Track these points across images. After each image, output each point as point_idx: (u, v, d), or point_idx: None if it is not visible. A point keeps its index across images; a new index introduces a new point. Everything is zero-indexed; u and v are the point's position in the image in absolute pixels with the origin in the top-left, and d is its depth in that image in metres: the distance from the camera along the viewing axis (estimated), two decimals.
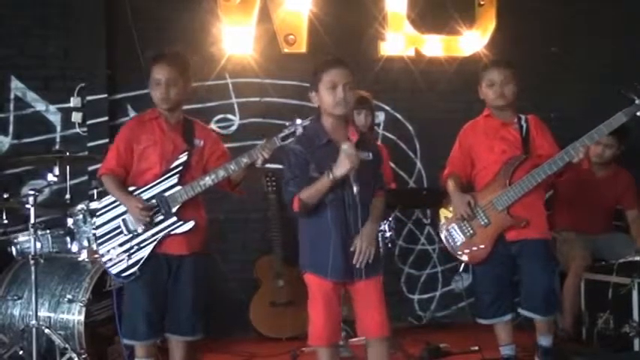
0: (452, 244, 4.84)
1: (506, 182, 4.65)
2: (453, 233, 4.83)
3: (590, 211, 5.74)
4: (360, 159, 3.72)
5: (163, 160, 4.35)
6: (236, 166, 4.26)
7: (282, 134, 4.18)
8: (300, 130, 4.10)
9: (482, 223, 4.70)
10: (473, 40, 6.75)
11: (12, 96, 6.22)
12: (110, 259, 4.31)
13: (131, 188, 4.35)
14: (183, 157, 4.35)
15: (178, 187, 4.30)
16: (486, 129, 4.85)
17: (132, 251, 4.29)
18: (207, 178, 4.29)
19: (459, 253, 4.82)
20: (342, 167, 3.70)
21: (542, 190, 4.77)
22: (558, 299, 5.19)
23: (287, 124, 4.21)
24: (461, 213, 4.74)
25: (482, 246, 4.71)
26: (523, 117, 4.79)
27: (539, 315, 4.67)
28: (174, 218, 4.30)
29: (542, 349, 4.77)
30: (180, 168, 4.33)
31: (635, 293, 5.11)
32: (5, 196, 5.32)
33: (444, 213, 4.93)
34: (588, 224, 5.74)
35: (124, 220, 4.34)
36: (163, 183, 4.32)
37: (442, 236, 4.92)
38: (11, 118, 6.22)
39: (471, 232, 4.74)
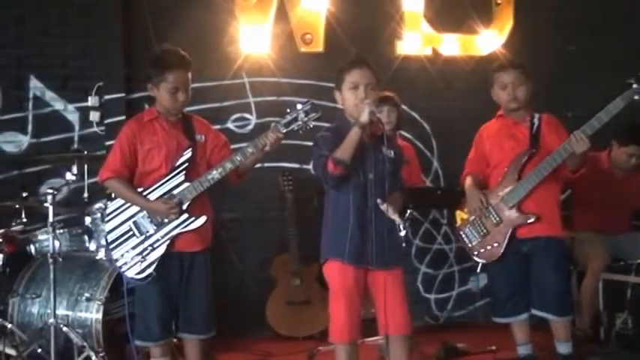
0: (468, 244, 4.85)
1: (515, 178, 4.65)
2: (468, 233, 4.85)
3: (608, 210, 5.70)
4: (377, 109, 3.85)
5: (169, 159, 4.34)
6: (242, 156, 4.24)
7: (285, 120, 4.19)
8: (302, 115, 4.14)
9: (495, 221, 4.71)
10: (490, 39, 6.72)
11: (31, 95, 6.27)
12: (125, 263, 4.31)
13: (139, 190, 4.34)
14: (188, 154, 4.34)
15: (186, 184, 4.29)
16: (499, 128, 4.87)
17: (145, 253, 4.28)
18: (214, 172, 4.27)
19: (475, 252, 4.82)
20: (364, 112, 3.77)
21: (555, 187, 4.73)
22: (574, 300, 5.16)
23: (288, 110, 4.21)
24: (472, 208, 4.75)
25: (495, 244, 4.70)
26: (537, 115, 4.78)
27: (552, 315, 4.65)
28: (186, 215, 4.29)
29: (562, 357, 4.73)
30: (186, 164, 4.32)
31: None
32: (24, 194, 5.36)
33: (460, 215, 4.93)
34: (607, 224, 5.70)
35: (134, 222, 4.33)
36: (171, 181, 4.31)
37: (459, 237, 4.93)
38: (30, 118, 6.27)
39: (485, 231, 4.74)
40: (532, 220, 4.61)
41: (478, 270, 4.94)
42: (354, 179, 3.87)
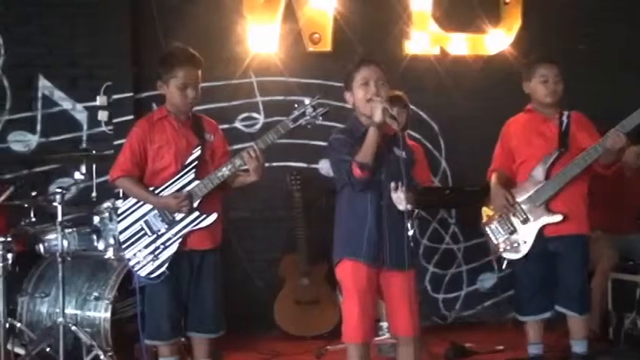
0: (493, 241, 4.82)
1: (543, 177, 4.63)
2: (494, 230, 4.81)
3: (618, 210, 5.68)
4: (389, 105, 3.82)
5: (179, 158, 4.34)
6: (241, 160, 4.23)
7: (292, 116, 4.20)
8: (309, 111, 4.16)
9: (522, 218, 4.68)
10: (498, 39, 6.70)
11: (39, 95, 6.29)
12: (138, 262, 4.31)
13: (150, 189, 4.35)
14: (197, 152, 4.34)
15: (197, 182, 4.29)
16: (527, 124, 4.83)
17: (158, 251, 4.29)
18: (224, 169, 4.27)
19: (500, 250, 4.79)
20: (376, 111, 3.78)
21: (583, 185, 4.69)
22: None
23: (295, 105, 4.22)
24: (498, 206, 4.73)
25: (522, 242, 4.69)
26: (566, 113, 4.75)
27: (574, 312, 4.65)
28: (197, 213, 4.29)
29: (577, 357, 4.72)
30: (196, 162, 4.32)
31: None
32: (33, 194, 5.36)
33: (486, 212, 4.90)
34: (616, 223, 5.68)
35: (146, 221, 4.34)
36: (181, 179, 4.31)
37: (484, 233, 4.88)
38: (39, 117, 6.29)
39: (511, 228, 4.73)
40: (560, 219, 4.60)
41: (503, 267, 4.94)
42: (372, 179, 3.86)
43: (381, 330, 5.18)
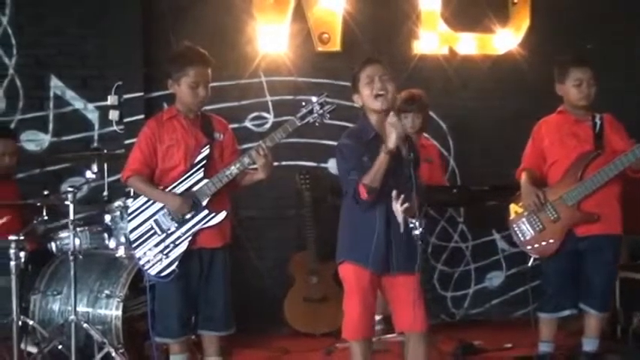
0: (521, 238, 4.82)
1: (577, 177, 4.63)
2: (522, 227, 4.82)
3: (627, 210, 5.65)
4: (403, 127, 3.81)
5: (188, 157, 4.36)
6: (250, 159, 4.26)
7: (300, 114, 4.23)
8: (317, 108, 4.19)
9: (552, 217, 4.69)
10: (507, 38, 6.69)
11: (51, 94, 6.33)
12: (148, 261, 4.34)
13: (160, 188, 4.37)
14: (206, 151, 4.36)
15: (205, 180, 4.31)
16: (559, 125, 4.81)
17: (167, 250, 4.31)
18: (232, 167, 4.28)
19: (528, 247, 4.81)
20: (391, 137, 3.76)
21: (616, 186, 4.70)
22: None
23: (303, 103, 4.25)
24: (528, 204, 4.72)
25: (551, 240, 4.70)
26: (598, 115, 4.75)
27: (594, 310, 4.69)
28: (206, 211, 4.31)
29: (587, 355, 4.75)
30: (205, 161, 4.34)
31: None
32: (45, 192, 5.38)
33: (515, 208, 4.90)
34: (626, 223, 5.65)
35: (155, 220, 4.36)
36: (190, 178, 4.33)
37: (511, 231, 4.89)
38: (51, 116, 6.33)
39: (541, 226, 4.73)
40: (592, 219, 4.61)
41: (529, 264, 4.95)
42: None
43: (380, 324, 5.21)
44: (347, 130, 4.10)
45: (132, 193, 5.09)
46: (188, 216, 4.30)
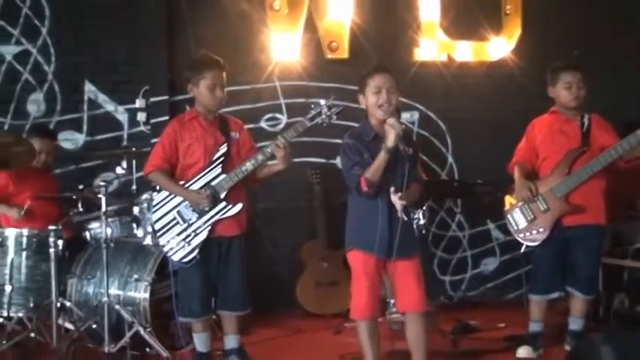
0: (514, 226, 4.83)
1: (565, 172, 4.64)
2: (515, 217, 4.82)
3: (611, 200, 5.63)
4: (402, 127, 3.80)
5: (207, 154, 4.38)
6: (264, 155, 4.29)
7: (309, 115, 4.27)
8: (325, 110, 4.23)
9: (542, 208, 4.69)
10: (500, 46, 6.69)
11: (86, 98, 6.37)
12: (171, 248, 4.37)
13: (181, 183, 4.39)
14: (224, 148, 4.38)
15: (223, 176, 4.34)
16: (551, 124, 4.81)
17: (189, 238, 4.33)
18: (247, 164, 4.31)
19: (521, 235, 4.80)
20: (390, 137, 3.77)
21: (602, 180, 4.69)
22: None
23: (312, 105, 4.28)
24: (521, 196, 4.73)
25: (541, 229, 4.70)
26: (586, 115, 4.74)
27: (580, 293, 4.70)
28: (224, 203, 4.34)
29: (572, 333, 4.76)
30: (223, 158, 4.37)
31: None
32: (80, 187, 5.44)
33: (509, 200, 4.90)
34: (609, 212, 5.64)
35: (178, 211, 4.38)
36: (209, 174, 4.36)
37: (506, 220, 4.89)
38: (85, 118, 6.36)
39: (532, 216, 4.73)
40: (579, 210, 4.61)
41: (522, 250, 4.97)
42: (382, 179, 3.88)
43: (388, 307, 5.21)
44: (350, 131, 4.11)
45: (157, 187, 5.14)
46: (207, 208, 4.33)
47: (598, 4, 6.72)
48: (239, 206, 4.35)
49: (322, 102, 4.26)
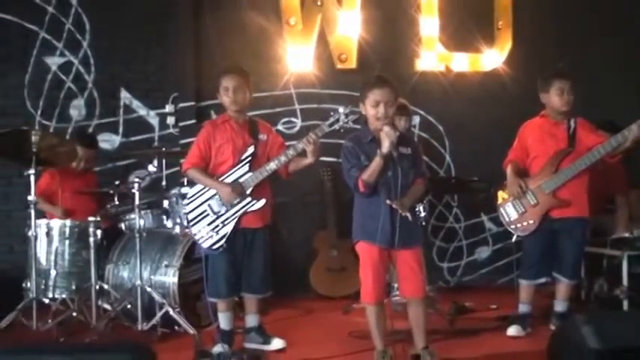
0: (506, 219, 4.82)
1: (553, 170, 4.63)
2: (507, 210, 4.81)
3: (591, 194, 5.61)
4: (397, 135, 3.79)
5: (236, 153, 4.39)
6: (294, 151, 4.29)
7: (328, 122, 4.25)
8: (342, 117, 4.20)
9: (532, 202, 4.68)
10: (493, 58, 6.66)
11: (121, 104, 6.40)
12: (202, 237, 4.37)
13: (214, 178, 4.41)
14: (251, 149, 4.39)
15: (250, 174, 4.35)
16: (541, 126, 4.79)
17: (218, 229, 4.34)
18: (271, 164, 4.32)
19: (512, 226, 4.80)
20: (384, 144, 3.77)
21: (586, 177, 4.68)
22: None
23: (331, 112, 4.26)
24: (512, 191, 4.73)
25: (531, 221, 4.69)
26: (573, 119, 4.72)
27: (565, 278, 4.70)
28: (249, 198, 4.34)
29: (557, 314, 4.77)
30: (250, 158, 4.37)
31: (624, 263, 5.02)
32: (116, 183, 5.49)
33: (502, 195, 4.89)
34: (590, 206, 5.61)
35: (209, 204, 4.39)
36: (237, 171, 4.36)
37: (499, 212, 4.88)
38: (121, 121, 6.39)
39: (522, 209, 4.72)
40: (565, 204, 4.62)
41: (513, 240, 4.97)
42: (381, 179, 3.87)
43: (393, 291, 5.21)
44: (350, 135, 4.10)
45: (186, 183, 5.16)
46: (235, 201, 4.34)
47: (584, 20, 6.64)
48: (262, 201, 4.37)
49: (341, 110, 4.23)
